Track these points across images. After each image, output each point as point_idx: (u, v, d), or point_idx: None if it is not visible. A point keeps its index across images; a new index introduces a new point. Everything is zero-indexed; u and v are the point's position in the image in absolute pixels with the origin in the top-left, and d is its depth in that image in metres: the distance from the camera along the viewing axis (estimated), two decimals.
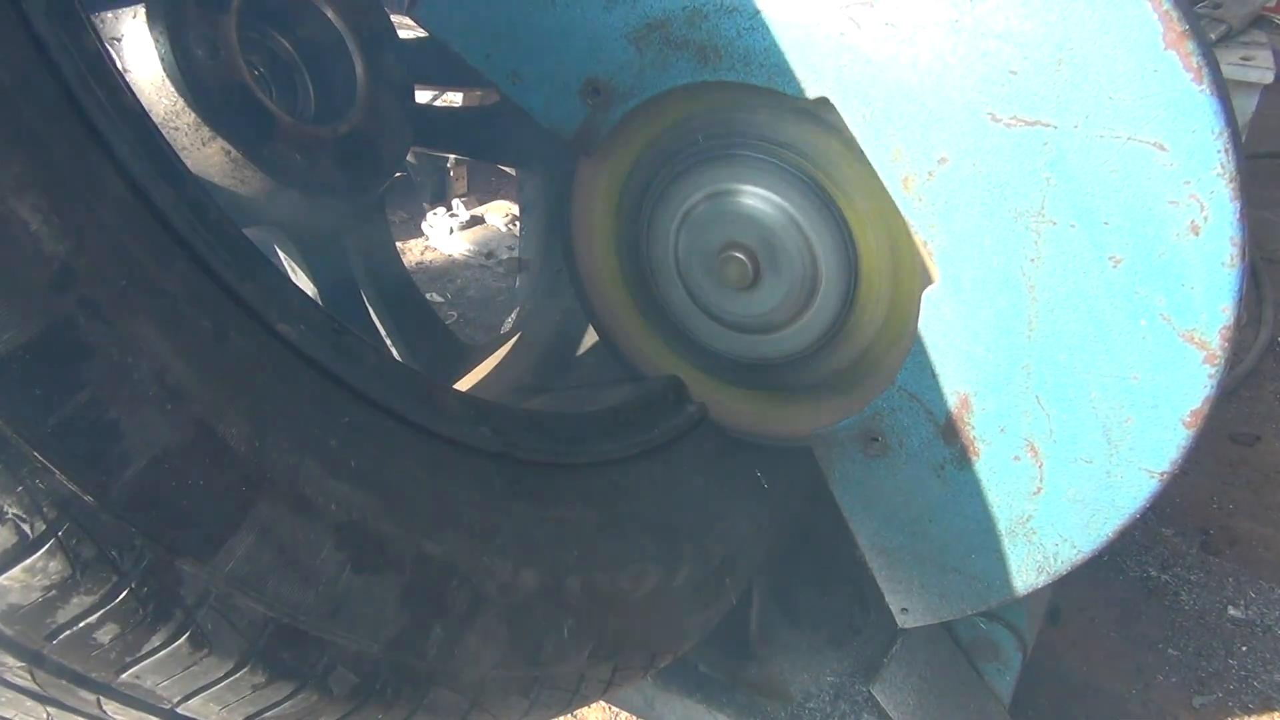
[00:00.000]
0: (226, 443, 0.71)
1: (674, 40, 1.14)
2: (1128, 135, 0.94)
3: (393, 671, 0.82)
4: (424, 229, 3.00)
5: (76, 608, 0.66)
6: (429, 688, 0.85)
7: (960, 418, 1.16)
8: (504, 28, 1.21)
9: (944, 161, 1.04)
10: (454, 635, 0.86)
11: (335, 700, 0.80)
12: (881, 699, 1.45)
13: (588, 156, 1.32)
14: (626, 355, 1.49)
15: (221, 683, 0.74)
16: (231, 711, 0.77)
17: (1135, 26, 0.91)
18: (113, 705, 0.75)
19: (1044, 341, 1.07)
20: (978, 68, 0.98)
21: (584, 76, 1.21)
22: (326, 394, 0.82)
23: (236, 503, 0.72)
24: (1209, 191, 0.93)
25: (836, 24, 1.03)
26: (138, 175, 0.71)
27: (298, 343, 0.80)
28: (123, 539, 0.66)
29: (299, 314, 0.82)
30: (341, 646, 0.78)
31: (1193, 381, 1.01)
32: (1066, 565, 1.19)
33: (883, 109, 1.05)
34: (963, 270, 1.08)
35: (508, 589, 0.90)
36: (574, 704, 1.05)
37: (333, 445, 0.80)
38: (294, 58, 1.23)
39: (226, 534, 0.71)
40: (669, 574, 1.09)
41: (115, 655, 0.69)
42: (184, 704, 0.75)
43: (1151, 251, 0.98)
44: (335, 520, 0.78)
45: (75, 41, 0.71)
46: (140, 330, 0.68)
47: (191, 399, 0.70)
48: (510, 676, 0.92)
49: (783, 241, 1.23)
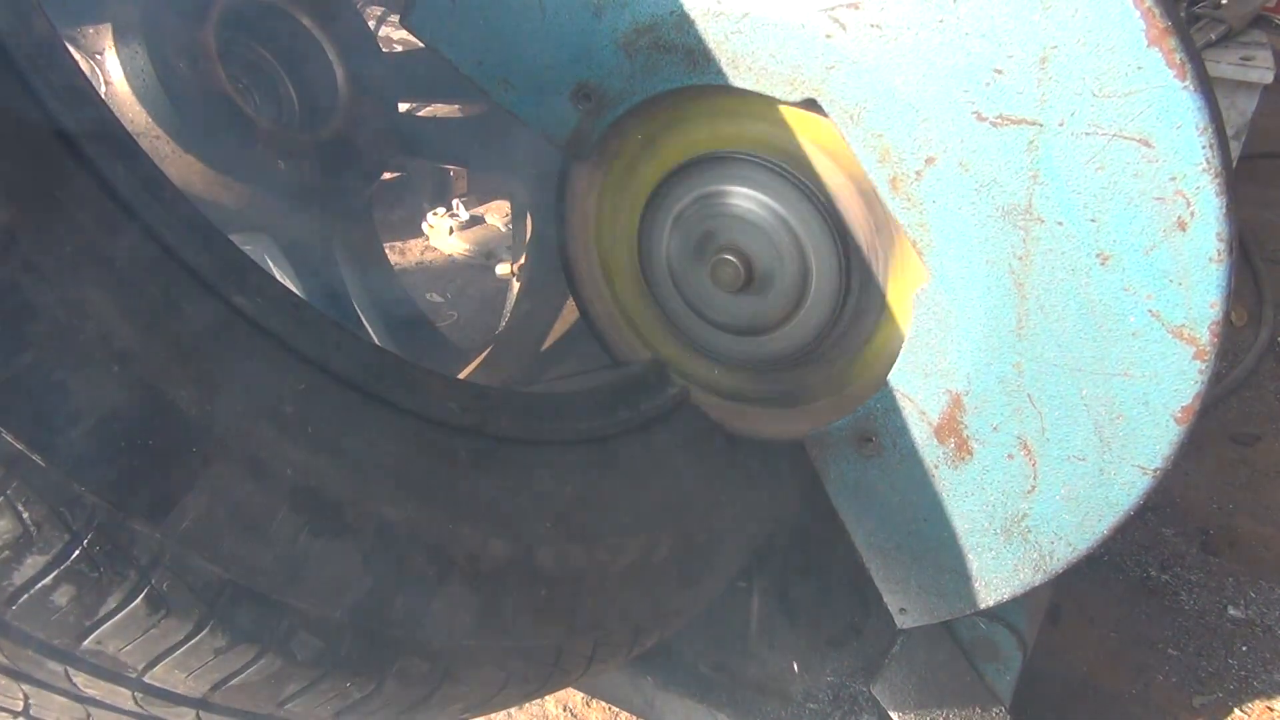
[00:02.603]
0: (176, 405, 0.71)
1: (663, 44, 1.13)
2: (1113, 132, 0.93)
3: (358, 637, 0.81)
4: (424, 229, 2.95)
5: (31, 568, 0.66)
6: (397, 655, 0.84)
7: (953, 417, 1.15)
8: (494, 35, 1.21)
9: (931, 161, 1.03)
10: (420, 602, 0.85)
11: (300, 666, 0.79)
12: (881, 699, 1.43)
13: (580, 161, 1.32)
14: (620, 358, 1.48)
15: (183, 646, 0.74)
16: (197, 679, 0.76)
17: (1118, 23, 0.89)
18: (82, 677, 0.75)
19: (1034, 339, 1.05)
20: (962, 67, 0.97)
21: (574, 82, 1.20)
22: (284, 364, 0.82)
23: (188, 464, 0.72)
24: (1195, 187, 0.92)
25: (822, 26, 1.02)
26: (88, 153, 0.72)
27: (254, 314, 0.80)
28: (72, 498, 0.66)
29: (256, 288, 0.83)
30: (302, 610, 0.78)
31: (1183, 377, 1.00)
32: (1063, 563, 1.17)
33: (869, 110, 1.03)
34: (952, 269, 1.07)
35: (475, 558, 0.89)
36: (555, 679, 1.03)
37: (288, 411, 0.79)
38: (275, 67, 1.24)
39: (178, 495, 0.71)
40: (648, 549, 1.08)
41: (75, 619, 0.69)
42: (150, 672, 0.75)
43: (1139, 248, 0.96)
44: (291, 484, 0.77)
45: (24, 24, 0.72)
46: (86, 294, 0.68)
47: (140, 362, 0.70)
48: (483, 646, 0.91)
49: (774, 243, 1.22)
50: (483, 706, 0.98)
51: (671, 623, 1.16)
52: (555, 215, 1.33)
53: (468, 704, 0.95)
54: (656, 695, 1.47)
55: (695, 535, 1.15)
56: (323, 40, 1.25)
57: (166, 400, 0.71)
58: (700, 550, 1.16)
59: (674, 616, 1.16)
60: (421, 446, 0.91)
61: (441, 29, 1.23)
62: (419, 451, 0.90)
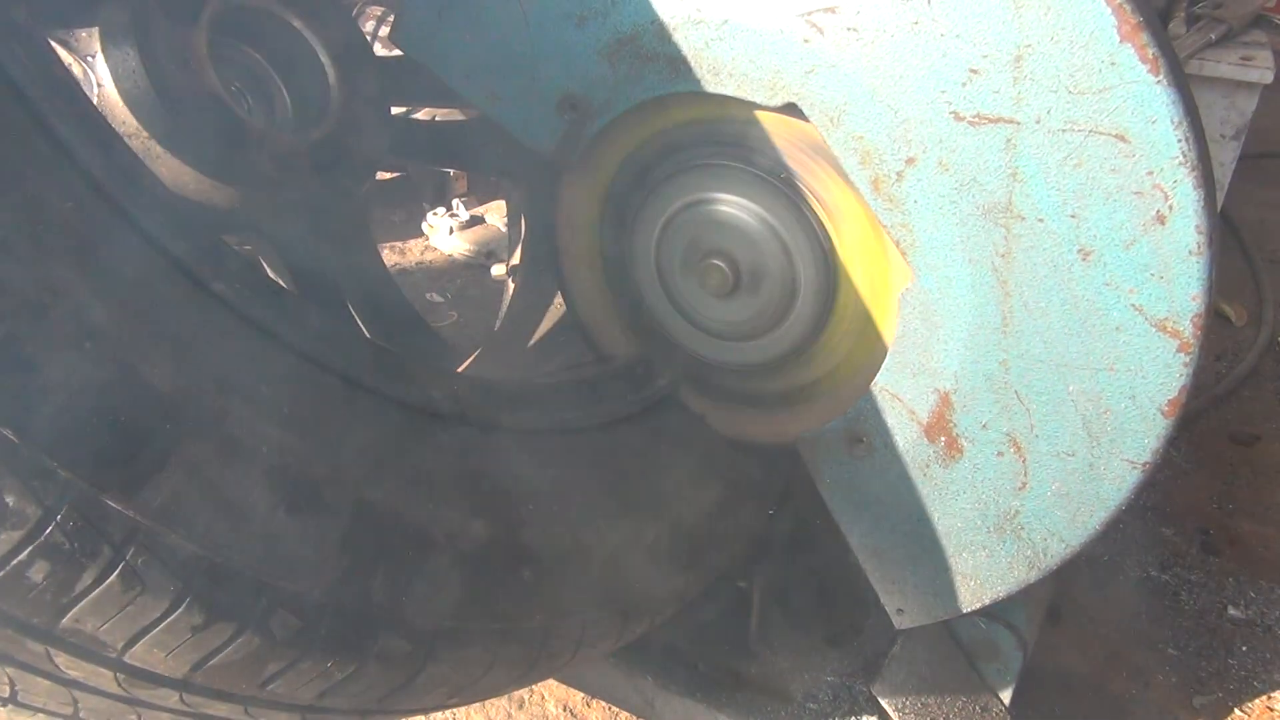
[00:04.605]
0: (150, 383, 0.71)
1: (645, 53, 1.13)
2: (1089, 128, 0.92)
3: (338, 617, 0.80)
4: (424, 229, 2.93)
5: (6, 544, 0.66)
6: (378, 635, 0.83)
7: (942, 416, 1.13)
8: (481, 49, 1.21)
9: (911, 162, 1.02)
10: (400, 582, 0.84)
11: (279, 645, 0.78)
12: (881, 699, 1.41)
13: (568, 170, 1.31)
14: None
15: (160, 624, 0.73)
16: (177, 658, 0.76)
17: (1090, 20, 0.88)
18: (63, 658, 0.74)
19: (1019, 337, 1.04)
20: (939, 68, 0.96)
21: (560, 93, 1.20)
22: (262, 348, 0.82)
23: (161, 441, 0.71)
24: (1172, 181, 0.91)
25: (800, 31, 1.02)
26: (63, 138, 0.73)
27: (233, 300, 0.80)
28: (45, 473, 0.66)
29: (236, 275, 0.83)
30: (280, 588, 0.77)
31: (1168, 371, 0.98)
32: (1057, 560, 1.15)
33: (849, 113, 1.03)
34: (936, 269, 1.06)
35: (456, 537, 0.88)
36: (543, 663, 1.02)
37: (264, 392, 0.79)
38: (268, 71, 1.24)
39: (151, 471, 0.71)
40: (634, 534, 1.07)
41: (51, 596, 0.69)
42: (130, 651, 0.75)
43: (1119, 243, 0.95)
44: (266, 463, 0.77)
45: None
46: (58, 273, 0.68)
47: (112, 340, 0.70)
48: (466, 627, 0.90)
49: (760, 247, 1.21)
50: (470, 690, 0.96)
51: (662, 609, 1.15)
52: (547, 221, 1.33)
53: (454, 687, 0.93)
54: (656, 695, 1.45)
55: (684, 522, 1.14)
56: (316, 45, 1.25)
57: (140, 378, 0.71)
58: (691, 538, 1.15)
59: (664, 603, 1.14)
60: (404, 432, 0.91)
61: (429, 45, 1.23)
62: (402, 437, 0.90)
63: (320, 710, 0.88)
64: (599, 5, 1.13)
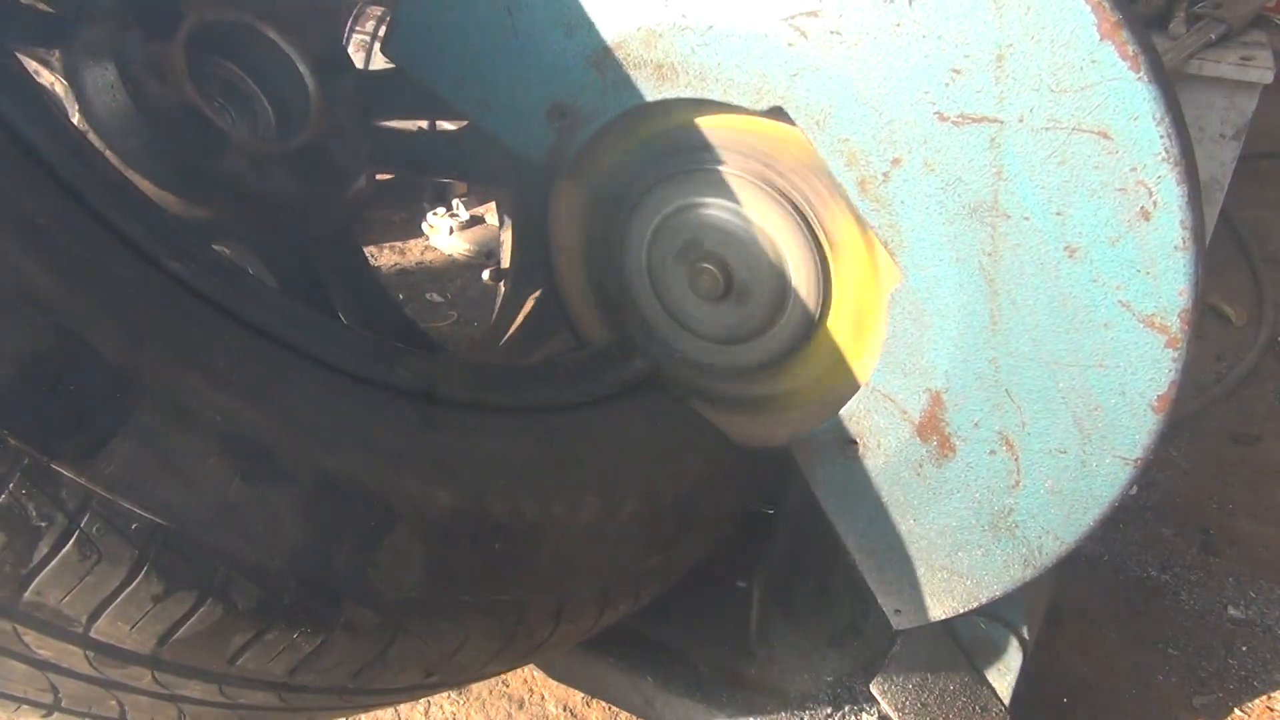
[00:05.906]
0: (99, 353, 0.71)
1: (632, 60, 1.13)
2: (1071, 126, 0.91)
3: (301, 587, 0.80)
4: (424, 229, 2.91)
5: None
6: (343, 606, 0.83)
7: (934, 415, 1.13)
8: (471, 59, 1.22)
9: (897, 163, 1.01)
10: (364, 552, 0.83)
11: (242, 615, 0.78)
12: (881, 699, 1.40)
13: (559, 178, 1.31)
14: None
15: (121, 594, 0.73)
16: (142, 631, 0.76)
17: (1070, 19, 0.88)
18: (31, 635, 0.74)
19: (1008, 335, 1.03)
20: (922, 69, 0.96)
21: (550, 101, 1.20)
22: (216, 322, 0.83)
23: (112, 410, 0.71)
24: (1155, 177, 0.90)
25: (784, 35, 1.01)
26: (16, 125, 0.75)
27: (189, 278, 0.81)
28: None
29: (192, 254, 0.83)
30: (239, 557, 0.77)
31: (1157, 366, 0.97)
32: (1052, 557, 1.14)
33: (834, 115, 1.02)
34: (924, 268, 1.05)
35: (420, 506, 0.87)
36: (521, 640, 1.00)
37: (220, 365, 0.79)
38: (248, 84, 1.25)
39: (104, 439, 0.71)
40: (610, 507, 1.05)
41: (10, 567, 0.69)
42: (95, 626, 0.74)
43: (1105, 239, 0.94)
44: (221, 431, 0.76)
45: None
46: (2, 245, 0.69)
47: (59, 311, 0.70)
48: (434, 599, 0.89)
49: (750, 251, 1.21)
50: (448, 668, 0.95)
51: (644, 587, 1.13)
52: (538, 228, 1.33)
53: (429, 664, 0.92)
54: (656, 695, 1.44)
55: (663, 497, 1.13)
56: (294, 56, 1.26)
57: (89, 348, 0.71)
58: (672, 513, 1.14)
59: (648, 581, 1.13)
60: (365, 404, 0.90)
61: (420, 55, 1.24)
62: (361, 408, 0.90)
63: (297, 689, 0.88)
64: (586, 14, 1.13)
